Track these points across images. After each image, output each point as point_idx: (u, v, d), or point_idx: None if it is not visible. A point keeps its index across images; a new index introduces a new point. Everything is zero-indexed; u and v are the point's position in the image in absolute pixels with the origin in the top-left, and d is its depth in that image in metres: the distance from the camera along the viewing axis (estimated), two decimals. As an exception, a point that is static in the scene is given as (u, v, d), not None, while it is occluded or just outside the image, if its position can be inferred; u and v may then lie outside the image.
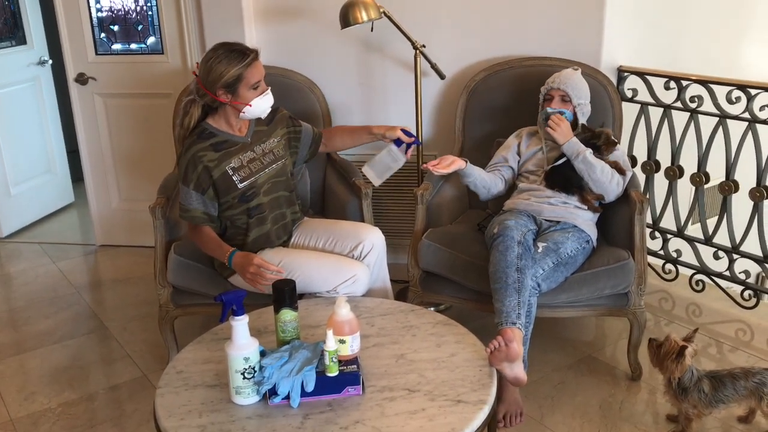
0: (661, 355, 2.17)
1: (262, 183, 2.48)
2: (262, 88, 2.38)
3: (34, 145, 4.59)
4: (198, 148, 2.39)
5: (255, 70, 2.35)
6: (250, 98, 2.36)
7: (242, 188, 2.43)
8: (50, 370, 2.86)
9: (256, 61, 2.35)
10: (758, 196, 2.88)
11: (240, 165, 2.44)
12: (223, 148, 2.42)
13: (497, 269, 2.35)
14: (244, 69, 2.32)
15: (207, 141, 2.41)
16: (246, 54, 2.33)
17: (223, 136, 2.44)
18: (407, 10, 3.15)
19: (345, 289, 2.35)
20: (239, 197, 2.44)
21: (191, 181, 2.38)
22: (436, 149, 3.43)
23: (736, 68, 3.67)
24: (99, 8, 3.79)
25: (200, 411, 1.76)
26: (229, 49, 2.34)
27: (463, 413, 1.72)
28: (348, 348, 1.83)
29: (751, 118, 2.86)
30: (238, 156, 2.44)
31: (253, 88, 2.36)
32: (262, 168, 2.48)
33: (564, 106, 2.72)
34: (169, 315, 2.71)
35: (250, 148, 2.48)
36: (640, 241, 2.55)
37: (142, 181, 3.96)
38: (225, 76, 2.31)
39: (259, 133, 2.54)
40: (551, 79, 2.76)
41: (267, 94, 2.41)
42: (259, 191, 2.47)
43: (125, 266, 3.87)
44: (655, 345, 2.21)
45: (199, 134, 2.42)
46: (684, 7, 3.64)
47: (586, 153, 2.60)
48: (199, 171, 2.37)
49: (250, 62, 2.33)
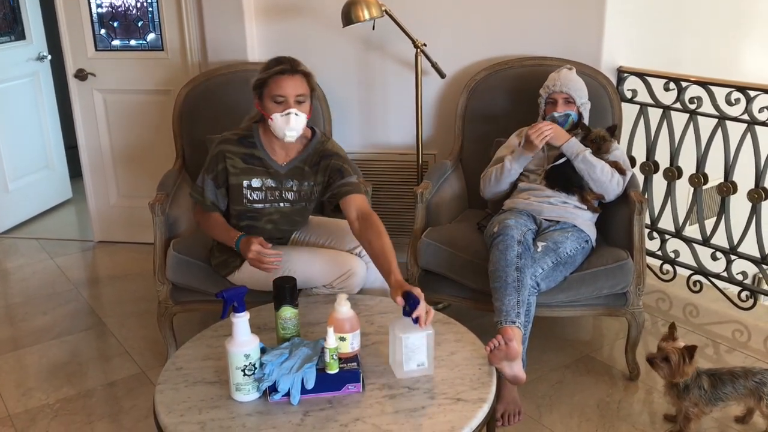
0: (675, 365, 2.15)
1: (271, 213, 2.41)
2: (286, 105, 2.23)
3: (33, 140, 4.58)
4: (229, 149, 2.34)
5: (281, 83, 2.23)
6: (271, 111, 2.25)
7: (246, 207, 2.39)
8: (48, 366, 2.86)
9: (287, 76, 2.23)
10: (756, 198, 2.89)
11: (259, 186, 2.36)
12: (252, 163, 2.35)
13: (497, 268, 2.35)
14: (270, 77, 2.24)
15: (242, 148, 2.34)
16: (280, 63, 2.25)
17: (260, 152, 2.35)
18: (409, 8, 3.15)
19: (341, 283, 2.36)
20: (240, 212, 2.41)
21: (212, 171, 2.36)
22: (436, 148, 3.43)
23: (735, 70, 3.68)
24: (99, 4, 3.78)
25: (200, 407, 1.76)
26: (276, 57, 2.30)
27: (462, 411, 1.72)
28: (348, 345, 1.84)
29: (750, 120, 2.87)
30: (261, 178, 2.36)
31: (275, 101, 2.24)
32: (278, 200, 2.40)
33: (568, 108, 2.72)
34: (168, 312, 2.71)
35: (279, 178, 2.37)
36: (638, 242, 2.55)
37: (140, 178, 3.96)
38: (257, 76, 2.28)
39: (298, 170, 2.38)
40: (551, 82, 2.76)
41: (289, 115, 2.23)
42: (261, 218, 2.41)
43: (123, 263, 3.87)
44: (660, 360, 2.17)
45: (242, 138, 2.35)
46: (684, 8, 3.64)
47: (586, 152, 2.61)
48: (219, 169, 2.34)
49: (278, 72, 2.23)
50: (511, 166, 2.72)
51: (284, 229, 2.49)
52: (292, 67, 2.25)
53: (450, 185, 3.03)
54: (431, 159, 3.43)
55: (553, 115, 2.71)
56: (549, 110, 2.75)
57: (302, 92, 2.26)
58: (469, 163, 3.15)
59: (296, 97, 2.24)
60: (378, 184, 3.39)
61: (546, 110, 2.77)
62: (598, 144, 2.65)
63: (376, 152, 3.51)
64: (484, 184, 2.82)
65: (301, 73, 2.27)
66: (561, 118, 2.70)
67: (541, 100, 2.79)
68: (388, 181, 3.50)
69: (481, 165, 2.99)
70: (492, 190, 2.81)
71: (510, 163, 2.72)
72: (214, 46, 3.47)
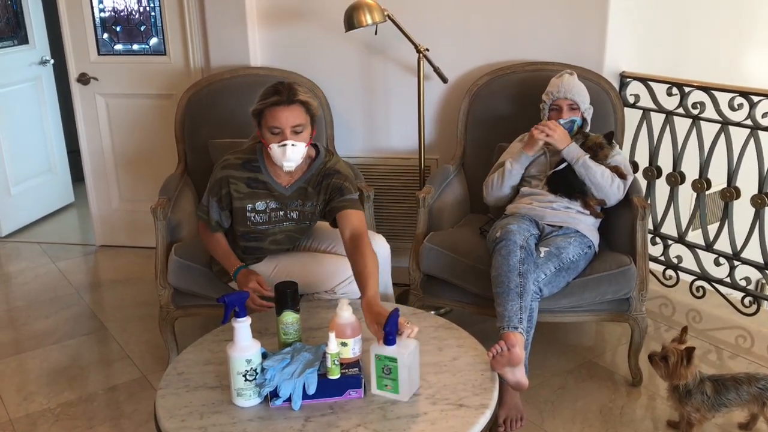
0: (672, 365, 2.15)
1: (275, 233, 2.40)
2: (282, 136, 2.18)
3: (35, 144, 4.58)
4: (232, 174, 2.30)
5: (277, 114, 2.17)
6: (269, 141, 2.21)
7: (250, 229, 2.38)
8: (49, 370, 2.85)
9: (284, 107, 2.16)
10: (759, 203, 2.88)
11: (263, 209, 2.35)
12: (255, 187, 2.32)
13: (499, 273, 2.34)
14: (266, 107, 2.19)
15: (246, 173, 2.31)
16: (276, 93, 2.18)
17: (264, 176, 2.31)
18: (411, 13, 3.15)
19: (343, 288, 2.35)
20: (244, 233, 2.40)
21: (216, 195, 2.34)
22: (438, 153, 3.43)
23: (738, 75, 3.67)
24: (102, 8, 3.79)
25: (201, 412, 1.75)
26: (273, 84, 2.22)
27: (464, 417, 1.71)
28: (350, 351, 1.83)
29: (754, 125, 2.86)
30: (265, 201, 2.33)
31: (271, 132, 2.19)
32: (281, 220, 2.38)
33: (573, 114, 2.72)
34: (169, 316, 2.71)
35: (283, 200, 2.35)
36: (641, 247, 2.55)
37: (142, 182, 3.96)
38: (254, 105, 2.23)
39: (302, 191, 2.36)
40: (554, 89, 2.75)
41: (285, 147, 2.18)
42: (265, 239, 2.40)
43: (125, 267, 3.87)
44: (659, 358, 2.19)
45: (245, 162, 2.32)
46: (686, 13, 3.64)
47: (586, 157, 2.60)
48: (223, 194, 2.33)
49: (273, 103, 2.17)
50: (512, 167, 2.72)
51: (287, 247, 2.49)
52: (289, 97, 2.17)
53: (452, 190, 3.03)
54: (433, 164, 3.42)
55: (558, 122, 2.71)
56: (553, 117, 2.74)
57: (299, 122, 2.19)
58: (471, 167, 3.15)
59: (293, 128, 2.18)
60: (380, 189, 3.39)
61: (550, 116, 2.76)
62: (594, 151, 2.64)
63: (378, 157, 3.51)
64: (487, 190, 2.82)
65: (298, 102, 2.19)
66: (567, 125, 2.70)
67: (545, 106, 2.79)
68: (391, 185, 3.50)
69: (484, 170, 2.99)
70: (495, 194, 2.80)
71: (511, 164, 2.72)
72: (217, 51, 3.47)
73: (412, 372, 1.79)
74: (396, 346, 1.76)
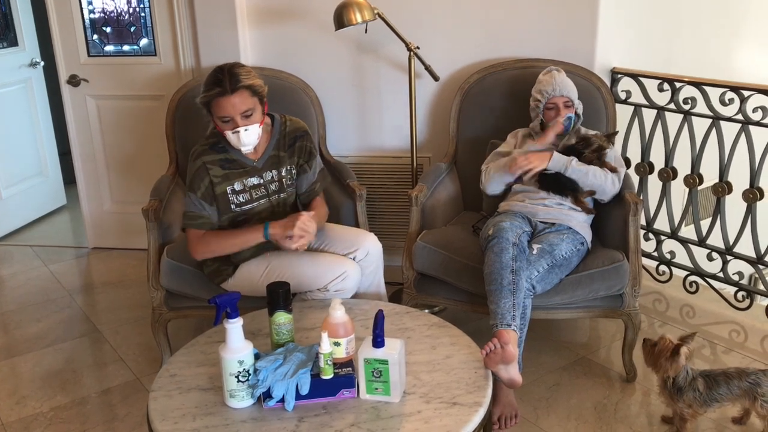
0: (655, 354, 2.17)
1: (260, 211, 2.42)
2: (234, 123, 2.22)
3: (26, 147, 4.56)
4: (207, 159, 2.34)
5: (223, 104, 2.19)
6: (222, 128, 2.25)
7: (235, 212, 2.39)
8: (42, 373, 2.84)
9: (227, 97, 2.17)
10: (751, 198, 2.88)
11: (242, 188, 2.37)
12: (229, 167, 2.35)
13: (492, 271, 2.34)
14: (211, 99, 2.20)
15: (217, 155, 2.35)
16: (218, 84, 2.18)
17: (234, 155, 2.36)
18: (401, 11, 3.14)
19: (335, 286, 2.34)
20: (230, 219, 2.40)
21: (199, 189, 2.34)
22: (430, 151, 3.43)
23: (729, 70, 3.68)
24: (91, 10, 3.77)
25: (194, 414, 1.75)
26: (214, 73, 2.22)
27: (458, 415, 1.71)
28: (343, 350, 1.83)
29: (744, 120, 2.87)
30: (241, 180, 2.37)
31: (222, 121, 2.23)
32: (263, 196, 2.41)
33: (568, 111, 2.72)
34: (162, 318, 2.70)
35: (258, 173, 2.39)
36: (634, 243, 2.55)
37: (134, 184, 3.94)
38: (200, 95, 2.24)
39: (274, 158, 2.42)
40: (548, 87, 2.72)
41: (239, 132, 2.22)
42: (252, 219, 2.41)
43: (118, 269, 3.85)
44: (650, 344, 2.21)
45: (212, 145, 2.36)
46: (677, 8, 3.65)
47: (572, 162, 2.60)
48: (206, 183, 2.33)
49: (217, 95, 2.18)
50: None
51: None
52: (231, 85, 2.17)
53: (445, 188, 3.02)
54: (426, 162, 3.42)
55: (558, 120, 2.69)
56: (549, 116, 2.73)
57: (247, 108, 2.21)
58: (463, 165, 3.15)
59: (242, 114, 2.21)
60: (373, 188, 3.38)
61: (545, 115, 2.75)
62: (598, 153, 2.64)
63: (370, 155, 3.50)
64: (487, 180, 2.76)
65: (242, 88, 2.18)
66: (566, 122, 2.70)
67: (539, 105, 2.75)
68: (383, 184, 3.49)
69: (476, 167, 2.98)
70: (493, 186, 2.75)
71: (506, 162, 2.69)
72: (207, 51, 3.46)
73: (401, 372, 1.78)
74: (385, 347, 1.75)
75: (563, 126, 2.67)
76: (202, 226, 2.37)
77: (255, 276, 2.42)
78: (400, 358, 1.77)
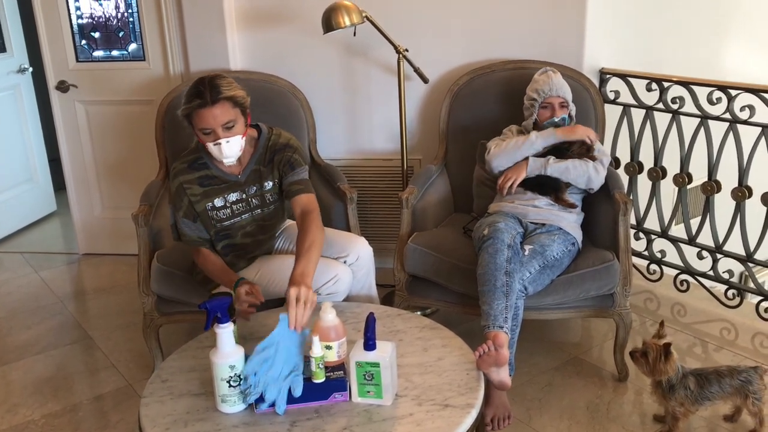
0: (652, 362, 2.17)
1: (244, 225, 2.40)
2: (215, 135, 2.17)
3: (15, 153, 4.54)
4: (185, 179, 2.32)
5: (203, 116, 2.15)
6: (203, 140, 2.22)
7: (217, 228, 2.38)
8: (33, 381, 2.83)
9: (208, 108, 2.13)
10: (740, 196, 2.90)
11: (223, 205, 2.35)
12: (209, 184, 2.33)
13: (486, 272, 2.34)
14: (192, 110, 2.16)
15: (195, 173, 2.33)
16: (198, 96, 2.14)
17: (214, 171, 2.34)
18: (390, 14, 3.15)
19: (327, 289, 2.34)
20: (215, 234, 2.40)
21: (180, 209, 2.35)
22: (421, 153, 3.43)
23: (716, 69, 3.70)
24: (80, 15, 3.76)
25: (186, 420, 1.74)
26: (195, 84, 2.18)
27: (450, 417, 1.71)
28: (334, 354, 1.83)
29: (732, 119, 2.88)
30: (222, 195, 2.35)
31: (203, 133, 2.19)
32: (246, 210, 2.39)
33: (563, 112, 2.73)
34: (153, 323, 2.69)
35: (240, 187, 2.36)
36: (624, 242, 2.56)
37: (124, 189, 3.93)
38: (181, 108, 2.20)
39: (256, 173, 2.38)
40: (545, 87, 2.73)
41: (220, 144, 2.18)
42: (236, 234, 2.40)
43: (109, 275, 3.84)
44: (639, 355, 2.20)
45: (191, 163, 2.34)
46: (664, 8, 3.66)
47: (549, 161, 2.61)
48: (185, 203, 2.33)
49: (198, 107, 2.14)
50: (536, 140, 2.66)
51: (262, 238, 2.47)
52: (212, 97, 2.13)
53: (435, 190, 3.03)
54: (416, 164, 3.42)
55: (553, 120, 2.71)
56: (543, 115, 2.74)
57: (228, 119, 2.17)
58: (454, 167, 3.15)
59: (223, 126, 2.17)
60: (363, 190, 3.38)
61: (540, 114, 2.76)
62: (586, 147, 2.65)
63: (360, 158, 3.50)
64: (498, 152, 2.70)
65: (222, 99, 2.15)
66: (560, 122, 2.71)
67: (534, 104, 2.75)
68: (374, 186, 3.50)
69: (467, 168, 3.00)
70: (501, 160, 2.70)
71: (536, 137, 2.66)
72: (196, 55, 3.45)
73: (393, 375, 1.78)
74: (376, 350, 1.75)
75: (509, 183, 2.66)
76: (190, 244, 2.39)
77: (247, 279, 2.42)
78: (392, 360, 1.77)
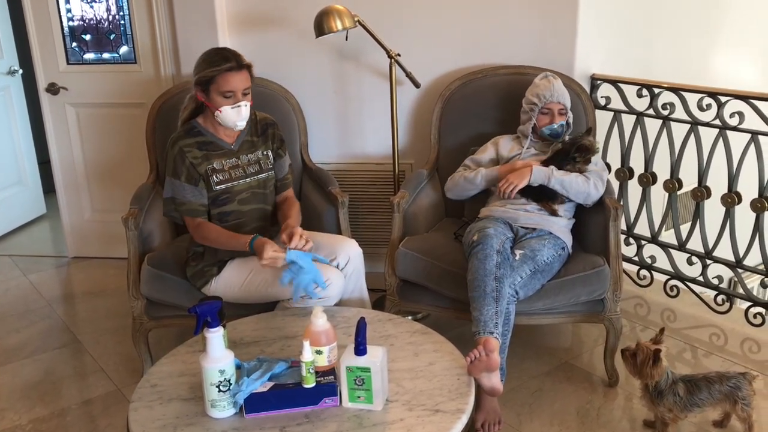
0: (639, 364, 2.18)
1: (240, 190, 2.48)
2: (236, 98, 2.36)
3: (5, 156, 4.51)
4: (184, 143, 2.42)
5: (230, 79, 2.33)
6: (220, 104, 2.36)
7: (216, 191, 2.44)
8: (21, 385, 2.80)
9: (236, 72, 2.34)
10: (730, 202, 2.91)
11: (221, 168, 2.45)
12: (206, 148, 2.45)
13: (476, 277, 2.34)
14: (218, 73, 2.33)
15: (193, 138, 2.44)
16: (227, 60, 2.33)
17: (209, 137, 2.46)
18: (382, 19, 3.15)
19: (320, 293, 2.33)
20: (212, 200, 2.44)
21: (182, 173, 2.40)
22: (412, 158, 3.43)
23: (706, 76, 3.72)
24: (70, 17, 3.74)
25: (175, 425, 1.73)
26: (217, 51, 2.40)
27: (441, 423, 1.71)
28: (325, 359, 1.82)
29: (722, 125, 2.90)
30: (220, 160, 2.45)
31: (224, 96, 2.34)
32: (243, 176, 2.49)
33: (561, 119, 2.74)
34: (143, 327, 2.67)
35: (235, 155, 2.48)
36: (614, 248, 2.56)
37: (114, 192, 3.91)
38: (200, 74, 2.35)
39: (249, 143, 2.53)
40: (546, 92, 2.72)
41: (239, 107, 2.37)
42: (234, 198, 2.47)
43: (98, 278, 3.82)
44: (629, 354, 2.21)
45: (187, 131, 2.45)
46: (656, 15, 3.68)
47: (553, 172, 2.61)
48: (187, 165, 2.40)
49: (227, 69, 2.33)
50: (481, 182, 2.75)
51: (258, 207, 2.53)
52: (239, 63, 2.35)
53: (427, 194, 3.03)
54: (408, 168, 3.42)
55: (553, 126, 2.72)
56: (542, 121, 2.74)
57: (248, 85, 2.39)
58: (445, 172, 3.14)
59: (243, 91, 2.37)
60: (355, 195, 3.38)
61: (539, 120, 2.76)
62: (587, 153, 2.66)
63: (352, 162, 3.50)
64: (451, 185, 2.86)
65: (246, 67, 2.38)
66: (560, 128, 2.72)
67: (534, 108, 2.75)
68: (365, 191, 3.49)
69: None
70: (456, 193, 2.86)
71: (481, 179, 2.75)
72: (187, 58, 3.44)
73: (384, 380, 1.78)
74: (367, 355, 1.75)
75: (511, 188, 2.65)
76: (191, 213, 2.42)
77: (237, 282, 2.42)
78: (383, 365, 1.77)
